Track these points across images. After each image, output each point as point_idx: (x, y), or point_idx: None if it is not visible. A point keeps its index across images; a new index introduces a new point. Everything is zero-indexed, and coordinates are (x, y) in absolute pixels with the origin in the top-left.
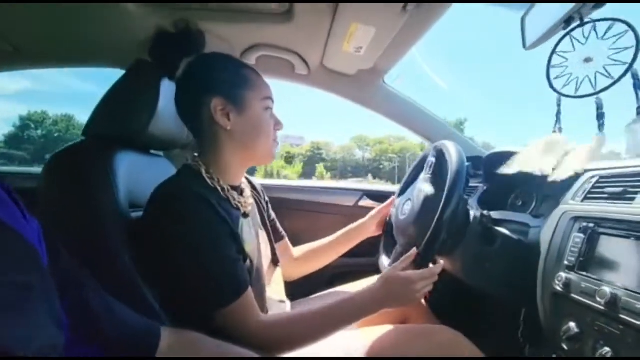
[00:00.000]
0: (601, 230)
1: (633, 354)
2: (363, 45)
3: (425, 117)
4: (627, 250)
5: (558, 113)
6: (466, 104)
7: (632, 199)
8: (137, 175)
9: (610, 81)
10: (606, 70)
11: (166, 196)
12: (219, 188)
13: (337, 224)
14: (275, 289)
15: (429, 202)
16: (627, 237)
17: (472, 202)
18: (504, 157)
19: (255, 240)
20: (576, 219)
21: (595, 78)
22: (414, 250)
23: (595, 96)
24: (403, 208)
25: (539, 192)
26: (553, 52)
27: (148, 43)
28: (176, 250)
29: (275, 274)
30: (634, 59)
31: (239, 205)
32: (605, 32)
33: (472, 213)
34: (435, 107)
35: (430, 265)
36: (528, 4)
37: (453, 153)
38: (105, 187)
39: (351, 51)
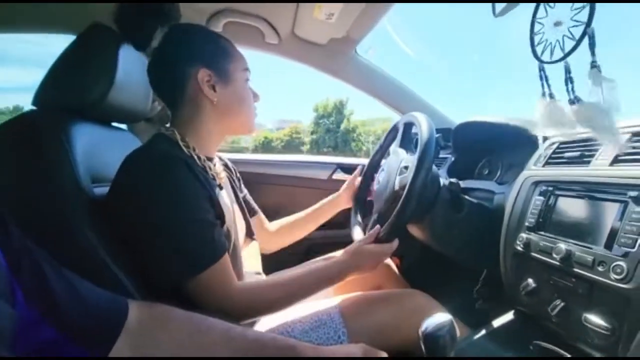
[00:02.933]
0: (559, 192)
1: (582, 304)
2: (334, 12)
3: (397, 89)
4: (581, 209)
5: (546, 79)
6: (434, 75)
7: (588, 162)
8: (99, 148)
9: (572, 43)
10: (570, 32)
11: (141, 159)
12: (195, 157)
13: (311, 197)
14: (251, 263)
15: (400, 172)
16: (582, 197)
17: (442, 172)
18: (473, 127)
19: (231, 212)
20: (537, 183)
21: (563, 41)
22: (377, 228)
23: (564, 61)
24: (378, 178)
25: (504, 161)
26: (533, 18)
27: (106, 9)
28: (153, 211)
29: (252, 247)
30: (590, 18)
31: (215, 176)
32: None
33: (441, 181)
34: (404, 78)
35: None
36: None
37: (423, 124)
38: (62, 159)
39: (322, 18)
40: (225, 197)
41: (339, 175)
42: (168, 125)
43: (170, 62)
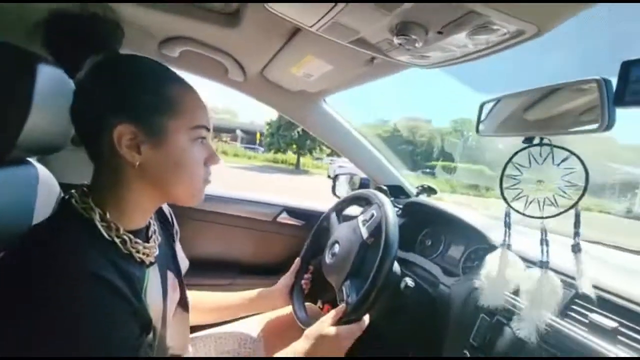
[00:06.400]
0: (503, 319)
1: None
2: (314, 75)
3: (358, 144)
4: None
5: (508, 225)
6: None
7: None
8: None
9: (556, 211)
10: (554, 199)
11: (37, 264)
12: (117, 241)
13: (251, 239)
14: (178, 339)
15: (364, 223)
16: None
17: None
18: (425, 206)
19: (159, 294)
20: None
21: (544, 202)
22: (342, 306)
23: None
24: (332, 251)
25: (447, 235)
26: (510, 160)
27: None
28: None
29: (181, 321)
30: (580, 198)
31: (143, 258)
32: (562, 161)
33: (396, 267)
34: None
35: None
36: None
37: (389, 214)
38: None
39: (299, 75)
40: (156, 276)
41: (284, 219)
42: (85, 189)
43: (87, 105)
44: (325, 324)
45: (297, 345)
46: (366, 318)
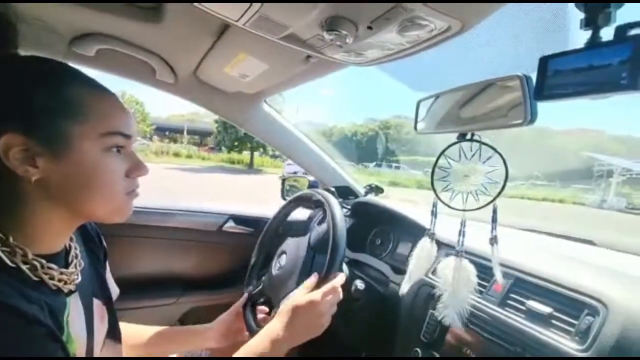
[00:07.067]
0: None
1: None
2: (250, 75)
3: (303, 146)
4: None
5: (434, 215)
6: None
7: None
8: None
9: (476, 205)
10: (476, 194)
11: None
12: (24, 267)
13: (195, 252)
14: None
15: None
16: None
17: None
18: (373, 206)
19: (83, 326)
20: (433, 295)
21: (467, 196)
22: (315, 276)
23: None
24: (278, 262)
25: (395, 233)
26: (442, 153)
27: None
28: None
29: (114, 354)
30: (497, 195)
31: (60, 285)
32: (487, 159)
33: (345, 269)
34: None
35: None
36: None
37: (336, 212)
38: None
39: (234, 75)
40: (78, 305)
41: (231, 227)
42: None
43: None
44: (298, 296)
45: (271, 325)
46: (342, 275)
